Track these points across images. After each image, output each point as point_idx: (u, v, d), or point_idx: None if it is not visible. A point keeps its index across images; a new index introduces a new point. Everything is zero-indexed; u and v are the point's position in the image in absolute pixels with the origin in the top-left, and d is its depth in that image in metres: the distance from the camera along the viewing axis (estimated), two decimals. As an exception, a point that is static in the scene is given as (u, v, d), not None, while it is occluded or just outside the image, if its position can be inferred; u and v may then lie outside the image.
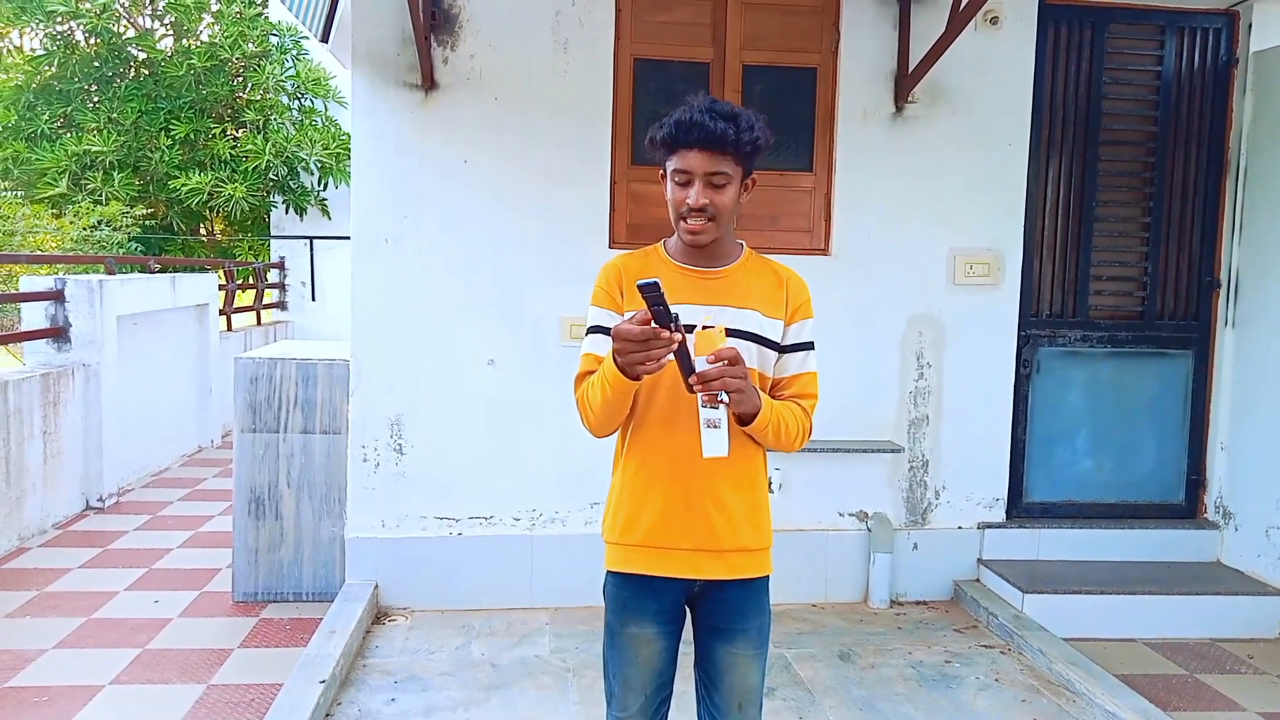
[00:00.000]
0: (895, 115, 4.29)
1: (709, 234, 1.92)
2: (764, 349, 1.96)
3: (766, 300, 1.99)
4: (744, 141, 1.88)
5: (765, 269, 2.05)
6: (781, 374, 2.02)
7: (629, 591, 2.01)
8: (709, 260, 2.00)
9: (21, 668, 3.55)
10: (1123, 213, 4.56)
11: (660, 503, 1.96)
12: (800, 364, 2.03)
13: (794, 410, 1.97)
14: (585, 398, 1.94)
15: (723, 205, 1.90)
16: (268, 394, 4.18)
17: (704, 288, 1.97)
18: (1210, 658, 3.96)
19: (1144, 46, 4.49)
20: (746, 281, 2.00)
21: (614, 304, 2.00)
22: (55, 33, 10.96)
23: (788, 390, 2.02)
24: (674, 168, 1.92)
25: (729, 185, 1.90)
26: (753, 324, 1.96)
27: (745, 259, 2.04)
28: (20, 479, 5.01)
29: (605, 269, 2.04)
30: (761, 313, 1.97)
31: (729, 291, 1.98)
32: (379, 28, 4.00)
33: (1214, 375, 4.64)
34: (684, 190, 1.90)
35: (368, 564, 4.15)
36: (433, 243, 4.08)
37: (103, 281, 5.86)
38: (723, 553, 1.96)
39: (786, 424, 1.93)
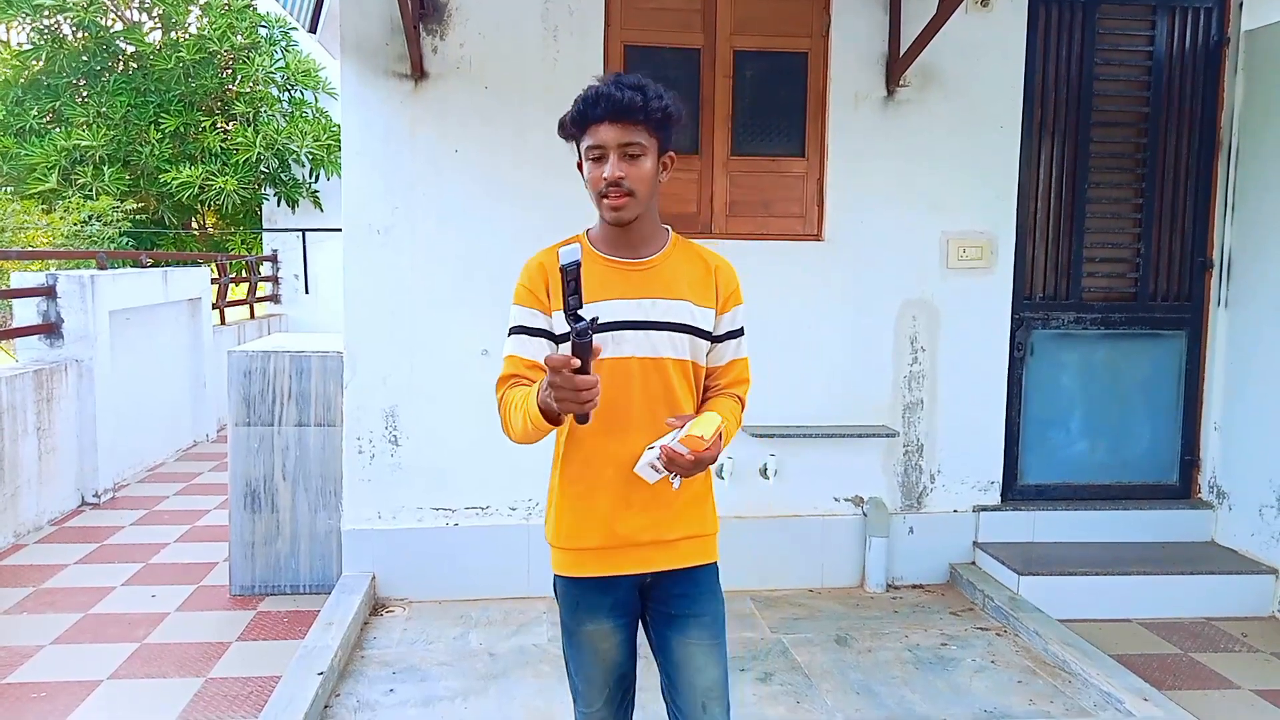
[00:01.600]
0: (887, 99, 4.28)
1: (630, 209, 1.86)
2: (696, 339, 1.93)
3: (697, 289, 1.95)
4: (654, 109, 1.84)
5: (693, 256, 2.00)
6: (715, 363, 2.00)
7: (580, 591, 1.98)
8: (635, 249, 1.95)
9: (19, 664, 3.56)
10: (1115, 194, 4.56)
11: (605, 506, 1.92)
12: (734, 351, 2.01)
13: (732, 411, 1.98)
14: (507, 416, 1.87)
15: (640, 178, 1.85)
16: (262, 387, 4.17)
17: (631, 279, 1.91)
18: (1205, 637, 3.98)
19: (1135, 27, 4.48)
20: (675, 270, 1.95)
21: (538, 302, 1.93)
22: (42, 27, 10.89)
23: (722, 380, 2.01)
24: (587, 145, 1.87)
25: (644, 157, 1.86)
26: (684, 314, 1.92)
27: (672, 246, 1.99)
28: (15, 476, 5.00)
29: (527, 266, 1.98)
30: (693, 302, 1.93)
31: (657, 281, 1.93)
32: (367, 17, 3.98)
33: (1207, 355, 4.65)
34: (599, 166, 1.85)
35: (364, 555, 4.15)
36: (425, 233, 4.07)
37: (94, 277, 5.84)
38: (670, 542, 1.95)
39: (731, 436, 1.91)
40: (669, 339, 1.90)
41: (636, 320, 1.89)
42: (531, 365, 1.91)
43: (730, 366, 2.02)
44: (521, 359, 1.93)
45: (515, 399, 1.83)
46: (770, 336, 4.12)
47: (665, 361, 1.90)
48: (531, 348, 1.93)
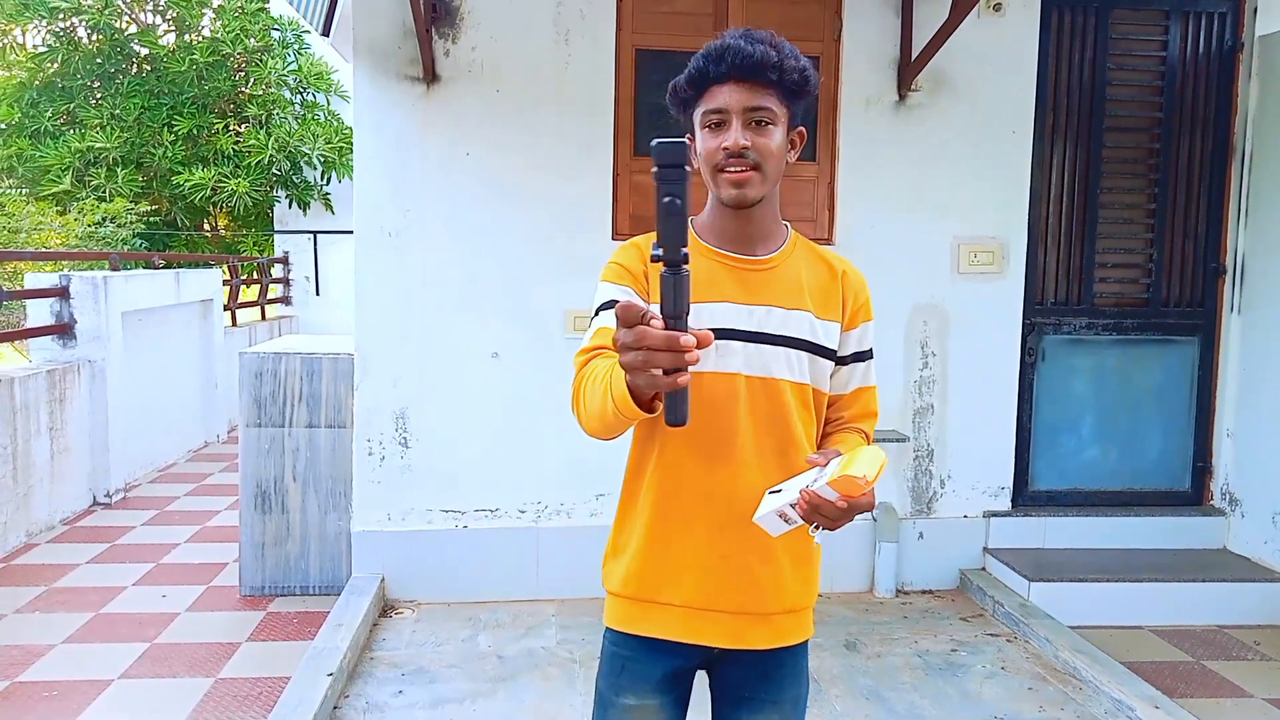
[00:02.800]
0: (898, 104, 4.27)
1: (755, 187, 1.52)
2: (818, 359, 1.60)
3: (820, 299, 1.62)
4: (789, 70, 1.51)
5: (816, 259, 1.66)
6: (840, 390, 1.67)
7: (633, 652, 1.62)
8: (751, 244, 1.60)
9: (31, 663, 3.57)
10: (1128, 200, 4.54)
11: (691, 553, 1.57)
12: (861, 377, 1.69)
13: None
14: (580, 391, 1.48)
15: (769, 151, 1.51)
16: (273, 389, 4.18)
17: (746, 281, 1.57)
18: (1217, 644, 3.96)
19: (1148, 32, 4.47)
20: (795, 274, 1.61)
21: (636, 283, 1.57)
22: (58, 29, 10.96)
23: (847, 410, 1.68)
24: (704, 110, 1.53)
25: (775, 126, 1.52)
26: (804, 328, 1.58)
27: (793, 244, 1.65)
28: (27, 475, 5.03)
29: (626, 247, 1.64)
30: (815, 314, 1.59)
31: (776, 286, 1.59)
32: (380, 21, 4.00)
33: (1220, 362, 4.62)
34: (718, 134, 1.52)
35: (374, 557, 4.16)
36: (436, 236, 4.08)
37: (107, 278, 5.87)
38: (767, 615, 1.59)
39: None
40: (785, 356, 1.57)
41: (746, 330, 1.55)
42: None
43: (856, 396, 1.69)
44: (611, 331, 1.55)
45: (597, 371, 1.43)
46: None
47: (780, 384, 1.56)
48: None
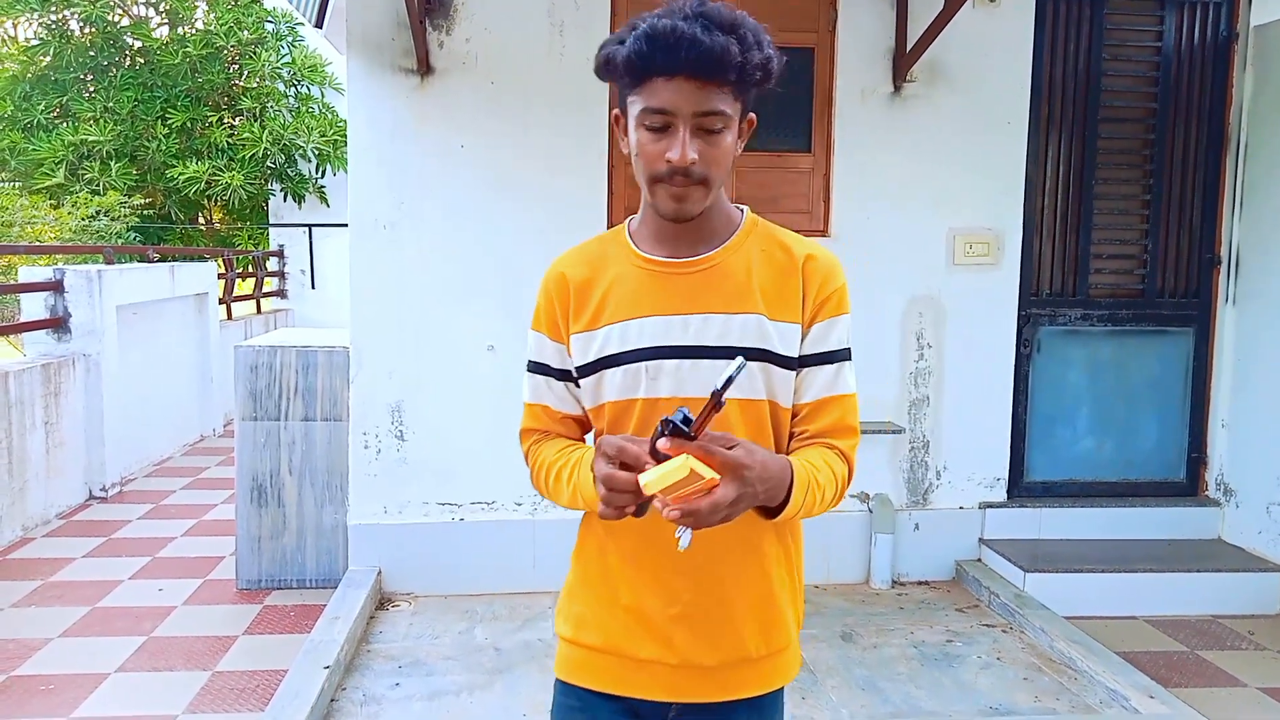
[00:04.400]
0: (894, 95, 4.27)
1: (696, 202, 1.32)
2: (774, 369, 1.36)
3: (775, 295, 1.38)
4: (752, 65, 1.27)
5: (773, 247, 1.41)
6: (803, 398, 1.39)
7: (579, 703, 1.46)
8: (692, 244, 1.39)
9: (27, 657, 3.57)
10: (1123, 190, 4.54)
11: (629, 596, 1.41)
12: (830, 383, 1.39)
13: (828, 468, 1.36)
14: (546, 481, 1.43)
15: (718, 159, 1.30)
16: (268, 382, 4.18)
17: (676, 288, 1.37)
18: (1211, 634, 3.97)
19: (1143, 22, 4.46)
20: (744, 269, 1.38)
21: (552, 328, 1.45)
22: (50, 22, 10.91)
23: (812, 424, 1.40)
24: (645, 107, 1.28)
25: (726, 131, 1.30)
26: (752, 334, 1.35)
27: (744, 234, 1.42)
28: (23, 469, 5.02)
29: (546, 278, 1.47)
30: (767, 315, 1.36)
31: (716, 288, 1.37)
32: (373, 12, 3.98)
33: (1215, 352, 4.63)
34: (661, 139, 1.28)
35: (370, 550, 4.16)
36: (431, 228, 4.07)
37: (101, 271, 5.85)
38: (711, 670, 1.39)
39: (824, 496, 1.34)
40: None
41: (679, 346, 1.35)
42: (563, 419, 1.48)
43: (824, 406, 1.40)
44: (549, 411, 1.48)
45: (556, 464, 1.40)
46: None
47: (729, 405, 1.31)
48: (558, 396, 1.47)
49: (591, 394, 1.42)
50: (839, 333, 1.41)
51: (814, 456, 1.36)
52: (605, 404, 1.41)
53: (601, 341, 1.39)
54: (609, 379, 1.39)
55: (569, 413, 1.48)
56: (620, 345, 1.38)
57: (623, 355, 1.37)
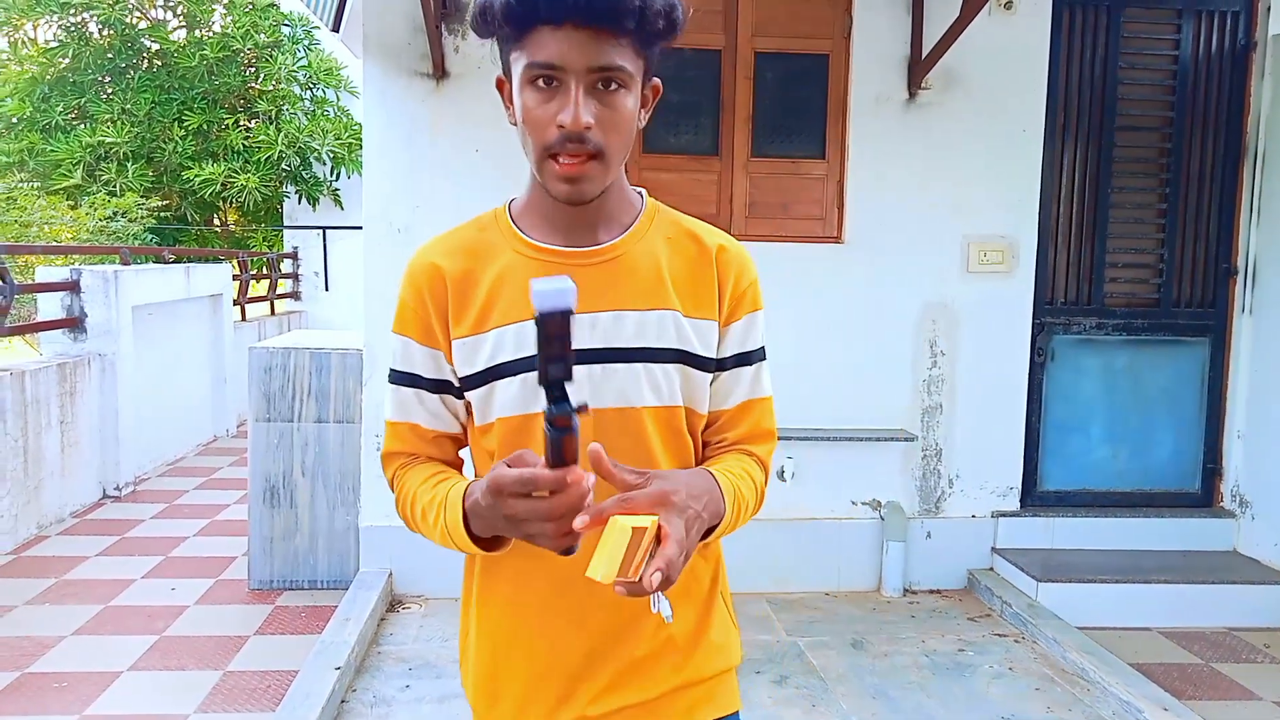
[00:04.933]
0: (908, 102, 4.26)
1: (594, 180, 1.14)
2: (692, 371, 1.22)
3: (689, 289, 1.23)
4: (653, 11, 1.11)
5: (680, 235, 1.26)
6: (720, 405, 1.27)
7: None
8: (589, 230, 1.22)
9: (41, 654, 3.59)
10: (1139, 199, 4.52)
11: (545, 653, 1.23)
12: (749, 386, 1.28)
13: (748, 477, 1.23)
14: (412, 515, 1.25)
15: (617, 126, 1.13)
16: (282, 383, 4.19)
17: (581, 282, 1.04)
18: (1226, 647, 3.94)
19: (1160, 31, 4.45)
20: (652, 260, 1.22)
21: (425, 332, 1.25)
22: (69, 24, 11.00)
23: (731, 431, 1.28)
24: (529, 62, 1.10)
25: (626, 91, 1.12)
26: (669, 332, 1.20)
27: (648, 219, 1.26)
28: (38, 468, 5.05)
29: (412, 270, 1.27)
30: (681, 311, 1.21)
31: (625, 281, 1.20)
32: (390, 17, 4.00)
33: (1231, 363, 4.60)
34: (550, 102, 1.11)
35: (382, 552, 4.16)
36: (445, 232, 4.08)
37: (118, 272, 5.89)
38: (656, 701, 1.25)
39: (747, 509, 1.22)
40: (645, 375, 1.19)
41: (587, 349, 1.17)
42: (436, 439, 1.28)
43: (743, 412, 1.28)
44: (418, 431, 1.28)
45: (422, 499, 1.21)
46: (789, 339, 4.11)
47: (639, 414, 1.19)
48: (430, 411, 1.27)
49: (481, 409, 1.22)
50: (756, 330, 1.28)
51: (733, 465, 1.23)
52: (496, 421, 1.21)
53: (492, 347, 1.19)
54: (502, 392, 1.19)
55: (443, 430, 1.28)
56: (515, 351, 1.18)
57: (519, 363, 1.18)
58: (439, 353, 1.24)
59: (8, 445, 4.73)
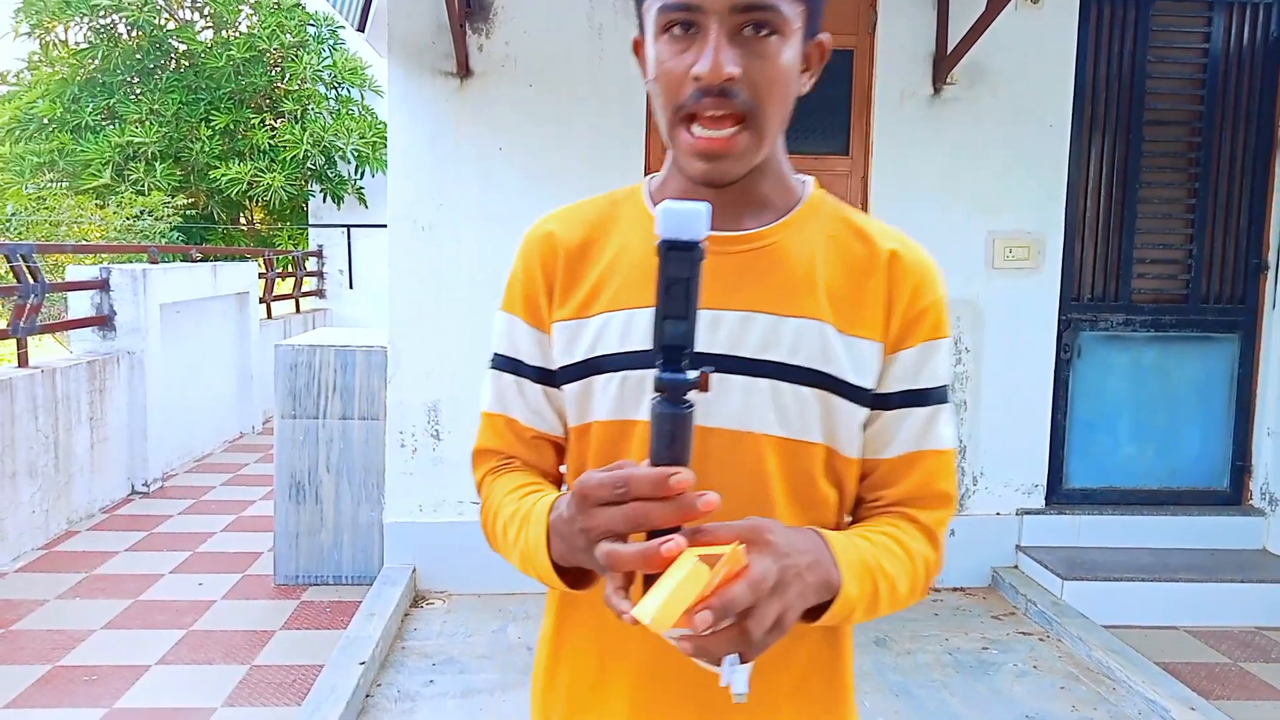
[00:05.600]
0: (933, 97, 4.23)
1: (742, 156, 0.93)
2: (837, 400, 0.96)
3: (847, 297, 0.98)
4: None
5: (847, 232, 1.02)
6: (880, 452, 1.01)
7: None
8: (735, 214, 0.99)
9: (72, 647, 3.64)
10: (1167, 194, 4.47)
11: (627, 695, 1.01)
12: (920, 433, 1.01)
13: (899, 548, 0.97)
14: (493, 534, 1.06)
15: (772, 83, 0.91)
16: (307, 380, 4.23)
17: (712, 271, 0.84)
18: (1255, 646, 3.89)
19: (1190, 24, 4.39)
20: (806, 256, 0.99)
21: (532, 310, 1.05)
22: (99, 26, 11.15)
23: (891, 489, 1.01)
24: (664, 3, 0.91)
25: (781, 41, 0.91)
26: (812, 347, 0.96)
27: (810, 210, 1.02)
28: (68, 464, 5.12)
29: (527, 239, 1.08)
30: (834, 324, 0.97)
31: (765, 277, 0.97)
32: (414, 16, 4.02)
33: (1261, 359, 4.54)
34: (683, 50, 0.91)
35: (406, 548, 4.19)
36: (469, 230, 4.10)
37: (146, 271, 5.96)
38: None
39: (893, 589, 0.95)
40: (771, 395, 0.95)
41: (703, 353, 0.94)
42: (535, 441, 1.07)
43: (908, 465, 1.01)
44: (515, 427, 1.07)
45: (506, 510, 1.01)
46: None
47: (759, 442, 0.96)
48: (531, 406, 1.06)
49: (576, 408, 1.02)
50: (936, 363, 1.00)
51: (878, 531, 0.98)
52: (593, 424, 1.01)
53: (594, 335, 1.00)
54: (600, 390, 0.99)
55: (543, 431, 1.06)
56: (620, 343, 0.98)
57: (621, 358, 0.98)
58: (544, 335, 1.04)
59: (39, 441, 4.81)
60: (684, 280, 0.76)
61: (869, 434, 1.01)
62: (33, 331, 5.03)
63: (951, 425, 1.04)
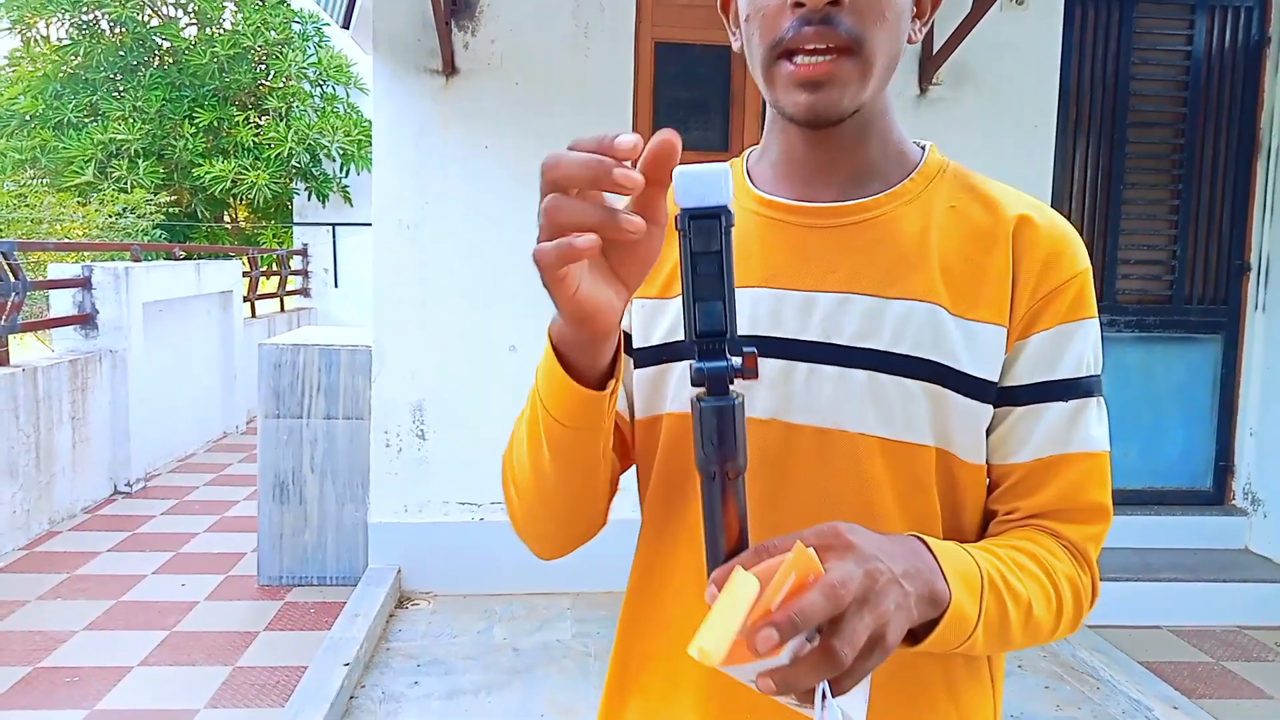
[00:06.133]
0: (919, 97, 4.24)
1: (846, 85, 0.82)
2: (952, 396, 0.83)
3: (963, 273, 0.85)
4: None
5: (966, 198, 0.88)
6: (1011, 456, 0.86)
7: None
8: (840, 182, 0.88)
9: (53, 649, 3.61)
10: (1151, 195, 4.49)
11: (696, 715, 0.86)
12: (1062, 432, 0.85)
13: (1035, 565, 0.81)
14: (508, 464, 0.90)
15: (882, 13, 0.82)
16: (291, 380, 4.20)
17: (808, 247, 0.85)
18: (1237, 645, 3.92)
19: (1173, 26, 4.42)
20: (916, 229, 0.86)
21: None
22: (81, 22, 11.07)
23: (1029, 498, 0.85)
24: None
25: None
26: (920, 332, 0.83)
27: (927, 176, 0.90)
28: (50, 464, 5.08)
29: None
30: (948, 307, 0.84)
31: (869, 253, 0.85)
32: (400, 14, 4.00)
33: (1243, 360, 4.57)
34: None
35: (390, 549, 4.17)
36: (454, 228, 4.09)
37: (129, 269, 5.91)
38: None
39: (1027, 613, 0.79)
40: (870, 389, 0.83)
41: (793, 340, 0.84)
42: None
43: (1047, 471, 0.85)
44: None
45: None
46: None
47: (855, 442, 0.83)
48: None
49: (646, 397, 0.90)
50: (1078, 348, 0.86)
51: (1009, 545, 0.82)
52: (664, 416, 0.89)
53: (674, 319, 0.88)
54: (677, 379, 0.87)
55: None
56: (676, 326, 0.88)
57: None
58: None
59: (20, 441, 4.76)
60: (714, 254, 0.66)
61: (997, 435, 0.86)
62: (14, 330, 4.98)
63: (1103, 423, 0.89)
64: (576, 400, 0.75)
